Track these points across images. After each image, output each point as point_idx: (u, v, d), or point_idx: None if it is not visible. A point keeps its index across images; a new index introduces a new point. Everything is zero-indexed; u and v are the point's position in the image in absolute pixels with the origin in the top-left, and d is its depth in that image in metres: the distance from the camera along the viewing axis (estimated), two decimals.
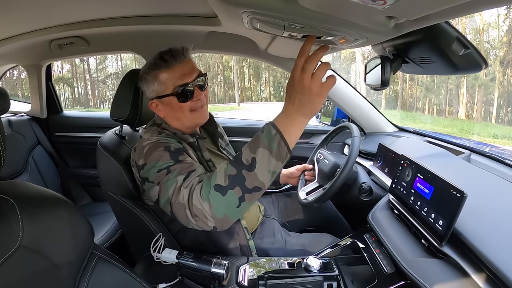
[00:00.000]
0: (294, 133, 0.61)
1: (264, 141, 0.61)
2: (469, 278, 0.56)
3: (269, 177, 0.63)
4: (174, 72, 0.81)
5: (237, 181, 0.62)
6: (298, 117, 0.60)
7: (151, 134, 0.84)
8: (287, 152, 0.61)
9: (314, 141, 1.61)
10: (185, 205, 0.66)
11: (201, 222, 0.65)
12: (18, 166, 1.57)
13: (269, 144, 0.61)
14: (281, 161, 0.62)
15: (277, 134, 0.60)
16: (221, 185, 0.62)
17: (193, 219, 0.66)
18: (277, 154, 0.61)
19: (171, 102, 0.83)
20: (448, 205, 0.62)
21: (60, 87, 23.74)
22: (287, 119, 0.61)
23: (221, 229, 0.67)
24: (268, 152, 0.60)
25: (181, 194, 0.66)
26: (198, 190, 0.65)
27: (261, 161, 0.61)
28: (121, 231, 1.36)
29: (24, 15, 1.16)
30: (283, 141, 0.60)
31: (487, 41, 17.58)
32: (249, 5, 0.51)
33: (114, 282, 0.54)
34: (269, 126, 0.62)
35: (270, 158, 0.61)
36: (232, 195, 0.62)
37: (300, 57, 0.58)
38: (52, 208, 0.47)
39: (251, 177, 0.61)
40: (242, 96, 26.02)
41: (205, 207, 0.63)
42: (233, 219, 0.67)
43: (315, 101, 0.58)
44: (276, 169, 0.62)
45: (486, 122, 16.64)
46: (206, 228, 0.66)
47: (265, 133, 0.62)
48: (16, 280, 0.41)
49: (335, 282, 0.73)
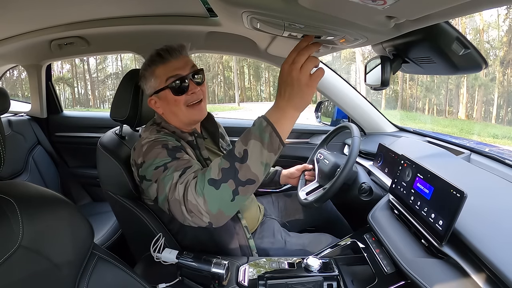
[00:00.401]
0: (285, 125, 0.62)
1: (255, 133, 0.62)
2: (469, 278, 0.56)
3: (262, 169, 0.63)
4: (169, 67, 0.82)
5: (230, 174, 0.62)
6: (289, 109, 0.61)
7: (150, 133, 0.84)
8: (279, 143, 0.62)
9: (314, 141, 1.61)
10: (181, 201, 0.66)
11: (197, 218, 0.65)
12: (18, 166, 1.57)
13: (260, 135, 0.61)
14: (274, 153, 0.62)
15: (268, 126, 0.61)
16: (215, 178, 0.63)
17: (188, 215, 0.66)
18: (269, 145, 0.61)
19: (167, 97, 0.83)
20: (448, 205, 0.62)
21: (60, 87, 23.73)
22: (278, 112, 0.62)
23: (217, 225, 0.67)
24: (259, 143, 0.61)
25: (177, 190, 0.67)
26: (193, 185, 0.65)
27: (253, 153, 0.61)
28: (121, 231, 1.36)
29: (24, 15, 1.16)
30: (275, 133, 0.61)
31: (487, 41, 17.58)
32: (249, 5, 0.51)
33: (114, 282, 0.54)
34: (260, 119, 0.63)
35: (262, 149, 0.61)
36: (226, 188, 0.62)
37: (293, 52, 0.59)
38: (52, 208, 0.47)
39: (243, 169, 0.61)
40: (242, 96, 26.02)
41: (200, 202, 0.63)
42: (228, 214, 0.66)
43: (305, 92, 0.59)
44: (269, 161, 0.63)
45: (486, 122, 16.63)
46: (201, 224, 0.66)
47: (256, 126, 0.63)
48: (16, 280, 0.41)
49: (335, 282, 0.73)
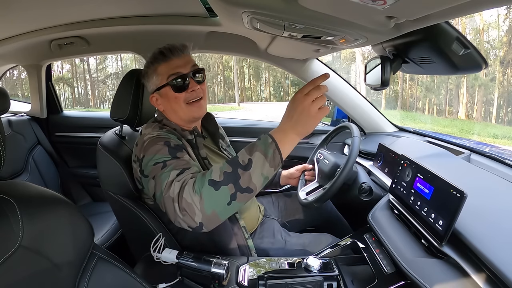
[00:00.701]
0: (286, 146, 0.67)
1: (260, 146, 0.66)
2: (469, 278, 0.56)
3: (261, 181, 0.66)
4: (171, 65, 0.84)
5: (232, 178, 0.64)
6: (291, 134, 0.66)
7: (152, 129, 0.85)
8: (279, 161, 0.66)
9: (314, 141, 1.61)
10: (174, 199, 0.66)
11: (188, 217, 0.65)
12: (18, 166, 1.56)
13: (264, 150, 0.65)
14: (274, 168, 0.66)
15: (272, 143, 0.66)
16: (215, 180, 0.64)
17: (180, 213, 0.65)
18: (271, 160, 0.65)
19: (167, 94, 0.85)
20: (448, 205, 0.62)
21: (60, 87, 23.70)
22: (282, 134, 0.67)
23: (207, 228, 0.67)
24: (263, 156, 0.65)
25: (172, 188, 0.67)
26: (191, 184, 0.66)
27: (257, 163, 0.65)
28: (121, 231, 1.36)
29: (24, 15, 1.16)
30: (278, 150, 0.65)
31: (487, 41, 17.57)
32: (249, 5, 0.51)
33: (114, 282, 0.54)
34: (266, 135, 0.67)
35: (265, 163, 0.65)
36: (225, 191, 0.64)
37: (310, 84, 0.65)
38: (52, 208, 0.47)
39: (245, 176, 0.64)
40: (242, 96, 26.00)
41: (195, 201, 0.64)
42: (221, 218, 0.67)
43: (310, 122, 0.65)
44: (268, 174, 0.66)
45: (486, 122, 16.61)
46: (192, 225, 0.66)
47: (262, 141, 0.67)
48: (16, 280, 0.41)
49: (335, 282, 0.73)
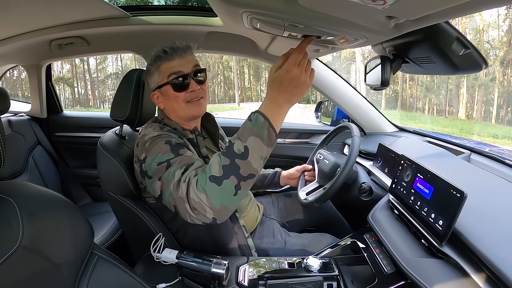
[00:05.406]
0: (280, 120, 0.66)
1: (254, 129, 0.64)
2: (469, 278, 0.56)
3: (261, 163, 0.66)
4: (173, 64, 0.84)
5: (232, 170, 0.64)
6: (286, 106, 0.66)
7: (153, 129, 0.85)
8: (275, 137, 0.66)
9: (314, 141, 1.61)
10: (184, 199, 0.67)
11: (201, 215, 0.66)
12: (18, 166, 1.56)
13: (259, 132, 0.64)
14: (271, 147, 0.66)
15: (265, 122, 0.64)
16: (216, 175, 0.64)
17: (193, 212, 0.67)
18: (267, 141, 0.65)
19: (167, 92, 0.85)
20: (448, 205, 0.62)
21: (60, 87, 23.72)
22: (275, 108, 0.65)
23: (221, 220, 0.68)
24: (259, 139, 0.64)
25: (180, 188, 0.68)
26: (194, 183, 0.66)
27: (254, 149, 0.64)
28: (121, 231, 1.36)
29: (24, 15, 1.16)
30: (272, 128, 0.65)
31: (487, 41, 17.58)
32: (249, 5, 0.51)
33: (114, 282, 0.54)
34: (256, 115, 0.66)
35: (262, 145, 0.64)
36: (228, 184, 0.64)
37: (298, 53, 0.62)
38: (52, 208, 0.47)
39: (245, 165, 0.64)
40: (242, 96, 26.00)
41: (203, 199, 0.64)
42: (231, 209, 0.68)
43: (304, 91, 0.65)
44: (267, 155, 0.66)
45: (486, 122, 16.61)
46: (206, 221, 0.67)
47: (253, 122, 0.65)
48: (16, 280, 0.41)
49: (335, 282, 0.73)
